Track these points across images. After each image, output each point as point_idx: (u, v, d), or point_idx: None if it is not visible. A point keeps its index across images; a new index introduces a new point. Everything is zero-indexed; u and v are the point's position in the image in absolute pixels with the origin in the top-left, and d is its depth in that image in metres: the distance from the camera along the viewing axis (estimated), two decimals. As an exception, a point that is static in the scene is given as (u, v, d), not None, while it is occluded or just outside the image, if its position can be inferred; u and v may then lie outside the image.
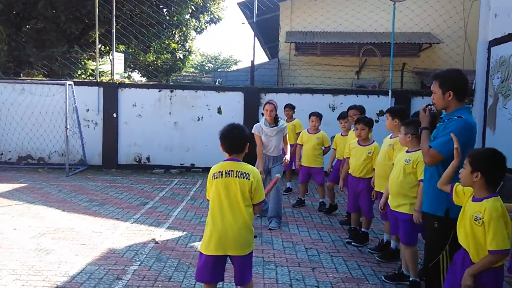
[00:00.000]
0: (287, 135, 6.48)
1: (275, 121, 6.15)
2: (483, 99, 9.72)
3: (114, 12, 11.05)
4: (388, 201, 4.35)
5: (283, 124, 6.26)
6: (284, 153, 6.31)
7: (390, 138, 4.82)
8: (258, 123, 6.29)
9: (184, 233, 5.69)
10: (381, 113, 10.08)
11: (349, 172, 5.55)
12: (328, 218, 6.66)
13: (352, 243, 5.43)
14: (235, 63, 43.20)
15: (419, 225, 3.88)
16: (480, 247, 2.68)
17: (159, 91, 10.47)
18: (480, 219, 2.64)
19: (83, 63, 15.47)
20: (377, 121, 9.83)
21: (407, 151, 4.15)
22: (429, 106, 3.48)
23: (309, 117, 7.16)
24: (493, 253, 2.59)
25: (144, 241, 5.32)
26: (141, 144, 10.39)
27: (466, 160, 2.78)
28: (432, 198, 3.28)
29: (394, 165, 4.30)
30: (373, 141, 5.40)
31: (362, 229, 5.50)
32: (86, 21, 14.35)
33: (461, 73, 3.36)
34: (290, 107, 8.18)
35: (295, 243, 5.43)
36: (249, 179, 3.16)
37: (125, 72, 20.01)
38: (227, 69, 36.88)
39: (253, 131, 6.12)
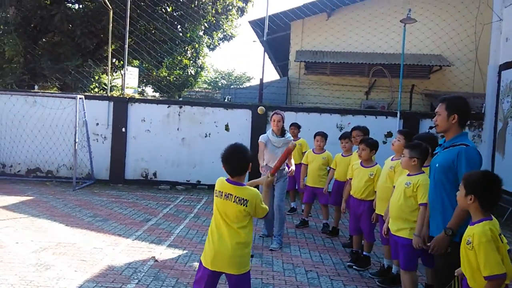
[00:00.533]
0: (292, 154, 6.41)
1: (282, 132, 6.15)
2: (493, 123, 9.64)
3: (128, 28, 11.25)
4: (388, 225, 4.30)
5: (290, 137, 6.25)
6: (289, 167, 6.24)
7: (392, 160, 4.80)
8: (265, 133, 6.33)
9: (185, 251, 5.68)
10: (389, 134, 10.04)
11: (351, 193, 5.52)
12: (331, 240, 6.60)
13: (354, 266, 5.37)
14: (248, 80, 43.47)
15: (419, 250, 3.83)
16: (474, 272, 2.65)
17: (168, 107, 10.57)
18: (471, 243, 2.62)
19: (96, 77, 15.71)
20: (385, 142, 9.80)
21: (408, 174, 4.11)
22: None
23: (314, 137, 7.15)
24: (487, 278, 2.55)
25: (144, 258, 5.31)
26: (148, 160, 10.45)
27: (461, 183, 2.79)
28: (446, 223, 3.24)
29: (394, 188, 4.27)
30: (376, 163, 5.36)
31: (364, 253, 5.43)
32: (101, 35, 14.62)
33: (467, 100, 3.41)
34: (295, 126, 8.15)
35: (295, 265, 5.38)
36: (246, 206, 3.15)
37: (139, 86, 20.29)
38: (240, 86, 37.11)
39: (259, 139, 6.17)
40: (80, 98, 9.91)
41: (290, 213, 8.18)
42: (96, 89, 16.04)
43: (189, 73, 19.90)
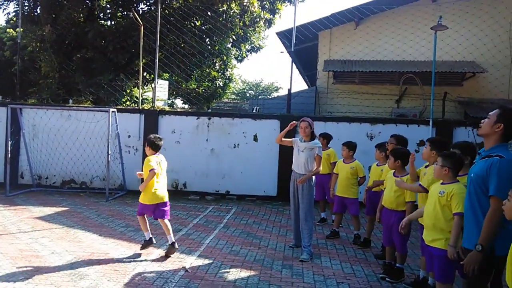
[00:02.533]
0: (322, 162, 6.33)
1: (311, 138, 6.13)
2: (531, 130, 9.28)
3: (158, 43, 11.51)
4: (422, 235, 4.19)
5: (318, 143, 6.17)
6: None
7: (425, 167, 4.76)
8: None
9: (215, 262, 5.69)
10: (421, 143, 9.83)
11: (382, 203, 5.42)
12: (363, 252, 6.47)
13: (386, 278, 5.24)
14: (276, 90, 43.54)
15: (455, 261, 3.71)
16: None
17: (197, 118, 10.70)
18: None
19: (128, 90, 16.10)
20: (417, 151, 9.58)
21: (442, 183, 4.01)
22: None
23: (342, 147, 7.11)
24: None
25: (175, 268, 5.35)
26: (178, 170, 10.57)
27: (511, 192, 2.68)
28: (478, 236, 3.16)
29: (428, 197, 4.17)
30: (407, 173, 5.24)
31: (397, 265, 5.30)
32: (132, 50, 14.99)
33: None
34: (323, 136, 8.06)
35: (326, 277, 5.29)
36: None
37: (169, 99, 20.63)
38: (268, 96, 37.20)
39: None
40: (112, 111, 10.16)
41: (320, 223, 8.09)
42: (128, 102, 16.42)
43: (218, 85, 20.12)
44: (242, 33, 17.91)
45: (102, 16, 16.50)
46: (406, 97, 12.51)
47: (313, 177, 6.16)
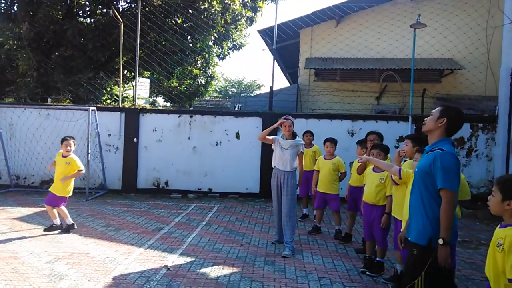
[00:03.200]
0: (308, 159, 6.35)
1: (292, 136, 6.20)
2: (506, 126, 9.53)
3: (138, 40, 11.40)
4: (401, 229, 4.25)
5: (300, 141, 6.28)
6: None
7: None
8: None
9: (197, 259, 5.67)
10: (401, 139, 9.97)
11: (363, 199, 5.48)
12: (344, 247, 6.54)
13: (367, 272, 5.31)
14: (258, 88, 43.57)
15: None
16: (498, 275, 2.60)
17: (179, 116, 10.64)
18: (501, 245, 2.57)
19: (108, 89, 15.90)
20: (396, 147, 9.71)
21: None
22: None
23: (324, 143, 7.14)
24: (511, 282, 2.50)
25: (157, 267, 5.32)
26: (160, 169, 10.51)
27: (495, 188, 2.71)
28: (420, 228, 3.24)
29: (407, 192, 4.21)
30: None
31: (377, 259, 5.37)
32: (112, 48, 14.80)
33: (463, 114, 3.40)
34: (310, 133, 8.14)
35: (308, 272, 5.33)
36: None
37: (150, 97, 20.46)
38: (250, 94, 37.20)
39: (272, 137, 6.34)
40: (92, 110, 10.03)
41: (302, 219, 8.14)
42: (108, 101, 16.23)
43: (200, 83, 20.05)
44: (223, 31, 17.87)
45: (81, 14, 16.24)
46: (386, 94, 12.66)
47: (297, 175, 6.21)
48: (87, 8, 16.03)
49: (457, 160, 3.19)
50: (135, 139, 10.50)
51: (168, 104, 22.58)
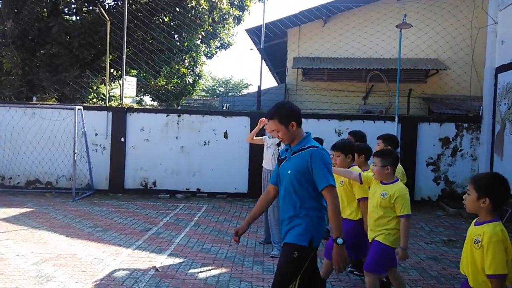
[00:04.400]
0: None
1: None
2: (491, 126, 9.68)
3: (125, 38, 11.32)
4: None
5: None
6: None
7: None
8: None
9: (185, 260, 5.67)
10: (387, 139, 10.04)
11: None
12: (332, 246, 6.58)
13: (355, 272, 5.36)
14: (246, 87, 43.58)
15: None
16: (477, 272, 2.65)
17: (166, 116, 10.59)
18: (479, 242, 2.62)
19: (94, 87, 15.77)
20: (383, 147, 9.80)
21: (382, 183, 4.02)
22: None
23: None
24: (490, 277, 2.56)
25: (145, 268, 5.30)
26: (147, 169, 10.46)
27: (470, 186, 2.74)
28: (300, 230, 3.10)
29: (369, 198, 4.20)
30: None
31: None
32: (99, 46, 14.68)
33: (292, 104, 3.37)
34: None
35: (296, 272, 5.36)
36: None
37: (137, 96, 20.34)
38: (238, 93, 37.17)
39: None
40: (78, 109, 9.94)
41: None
42: (95, 100, 16.11)
43: (187, 82, 19.98)
44: (211, 30, 17.84)
45: (67, 11, 16.08)
46: (372, 94, 12.77)
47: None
48: (73, 6, 15.90)
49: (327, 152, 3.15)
50: (122, 139, 10.43)
51: (155, 103, 22.49)
